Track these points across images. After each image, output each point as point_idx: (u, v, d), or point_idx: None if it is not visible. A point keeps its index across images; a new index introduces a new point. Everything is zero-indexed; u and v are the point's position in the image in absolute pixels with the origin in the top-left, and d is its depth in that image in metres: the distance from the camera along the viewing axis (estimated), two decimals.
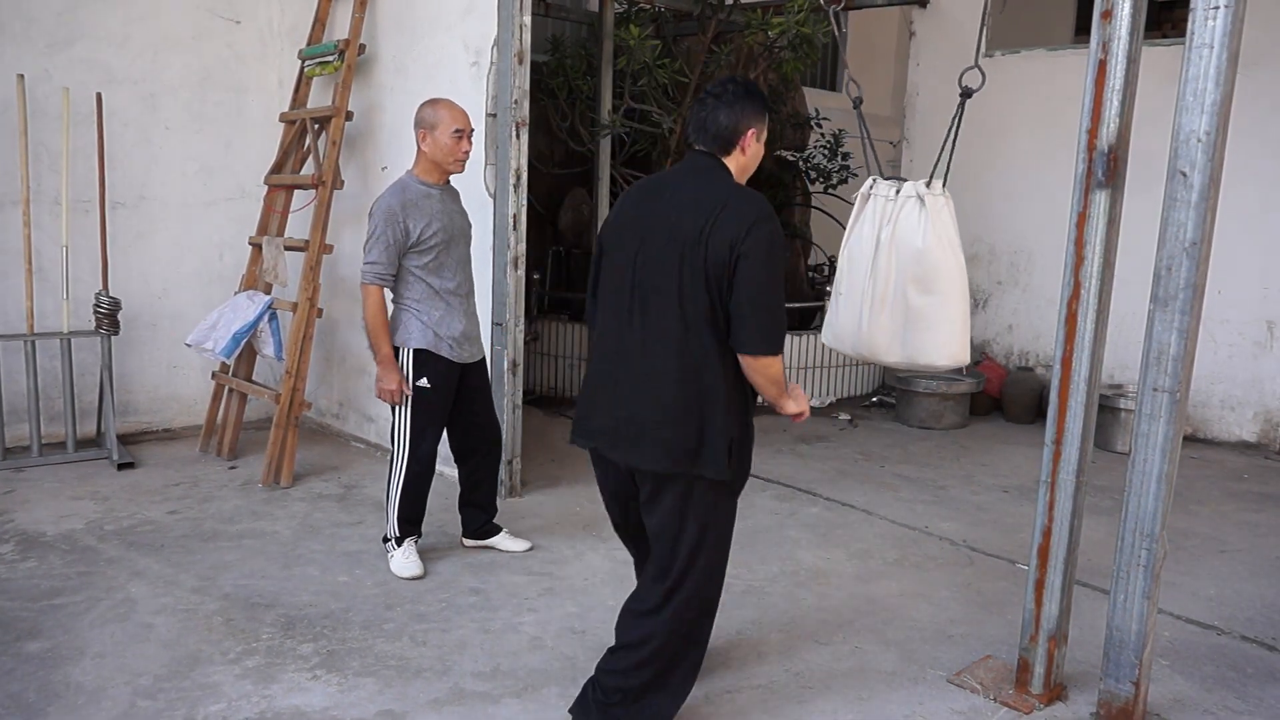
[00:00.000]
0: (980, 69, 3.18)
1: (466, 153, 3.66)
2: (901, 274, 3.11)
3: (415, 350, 3.61)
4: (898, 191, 3.13)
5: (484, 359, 3.91)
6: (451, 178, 3.76)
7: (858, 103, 3.45)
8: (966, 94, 3.24)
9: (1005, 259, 7.55)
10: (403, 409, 3.66)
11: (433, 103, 3.65)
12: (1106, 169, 2.69)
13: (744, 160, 2.51)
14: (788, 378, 2.56)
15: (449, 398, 3.73)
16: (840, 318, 3.32)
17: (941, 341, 3.11)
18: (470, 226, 3.85)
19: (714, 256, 2.33)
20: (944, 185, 3.12)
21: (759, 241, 2.32)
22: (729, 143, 2.48)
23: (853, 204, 3.31)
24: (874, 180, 3.23)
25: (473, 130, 3.70)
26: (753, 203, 2.39)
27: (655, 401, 2.43)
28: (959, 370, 5.48)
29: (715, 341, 2.40)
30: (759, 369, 2.41)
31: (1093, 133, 2.69)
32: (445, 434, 3.85)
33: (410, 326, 3.62)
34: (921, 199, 3.07)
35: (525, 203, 4.57)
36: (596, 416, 2.56)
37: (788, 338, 4.66)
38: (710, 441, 2.42)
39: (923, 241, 3.06)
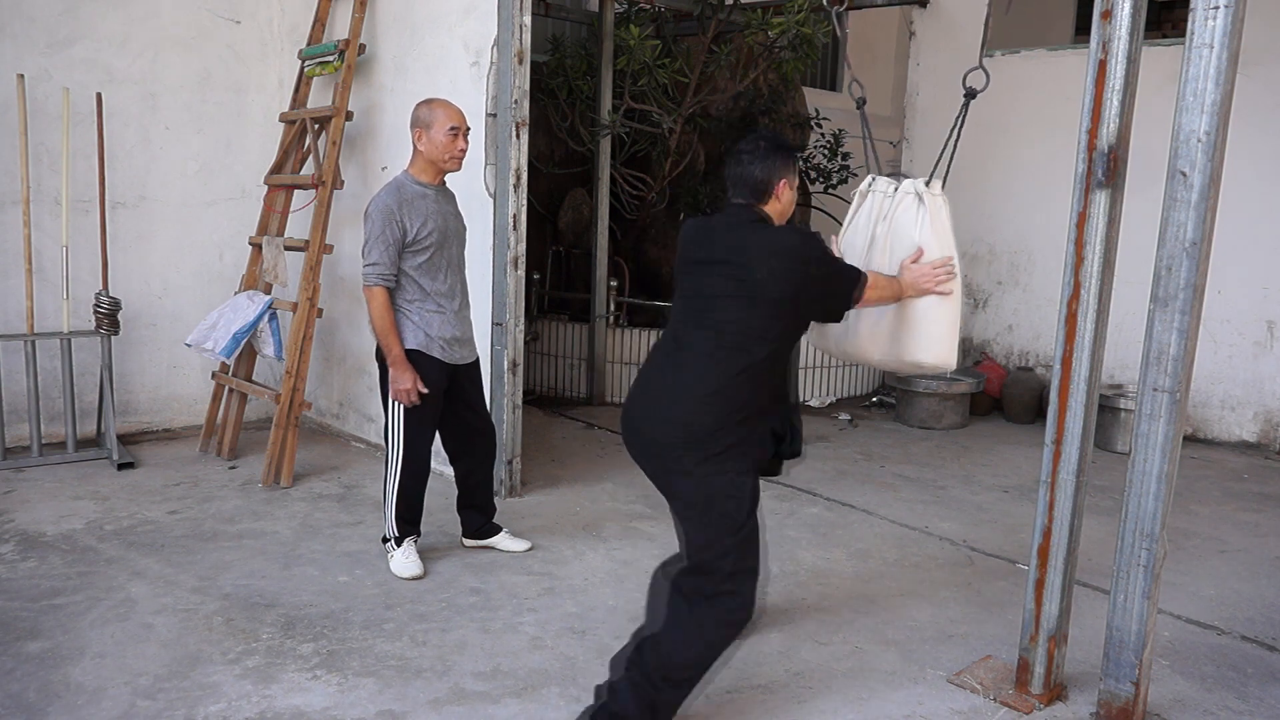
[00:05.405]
0: (985, 69, 3.16)
1: (462, 150, 3.66)
2: (895, 269, 3.09)
3: (406, 351, 3.60)
4: (896, 189, 3.11)
5: (477, 361, 3.89)
6: (450, 178, 3.76)
7: (861, 103, 3.43)
8: (971, 95, 3.22)
9: (1005, 259, 7.55)
10: (396, 410, 3.66)
11: (428, 102, 3.66)
12: (1106, 169, 2.69)
13: (780, 206, 2.76)
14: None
15: (440, 399, 3.72)
16: None
17: (929, 341, 3.00)
18: (465, 229, 3.84)
19: (777, 289, 2.57)
20: (943, 186, 3.09)
21: (812, 253, 2.66)
22: (764, 193, 2.73)
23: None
24: (873, 178, 3.22)
25: (469, 129, 3.69)
26: (794, 233, 2.72)
27: (677, 404, 2.59)
28: (946, 374, 5.40)
29: (744, 365, 2.57)
30: (872, 300, 2.85)
31: (1093, 133, 2.69)
32: (439, 435, 3.85)
33: (402, 327, 3.61)
34: (920, 196, 3.04)
35: (525, 203, 4.57)
36: (630, 414, 2.74)
37: None
38: (713, 431, 2.56)
39: (919, 237, 3.01)
